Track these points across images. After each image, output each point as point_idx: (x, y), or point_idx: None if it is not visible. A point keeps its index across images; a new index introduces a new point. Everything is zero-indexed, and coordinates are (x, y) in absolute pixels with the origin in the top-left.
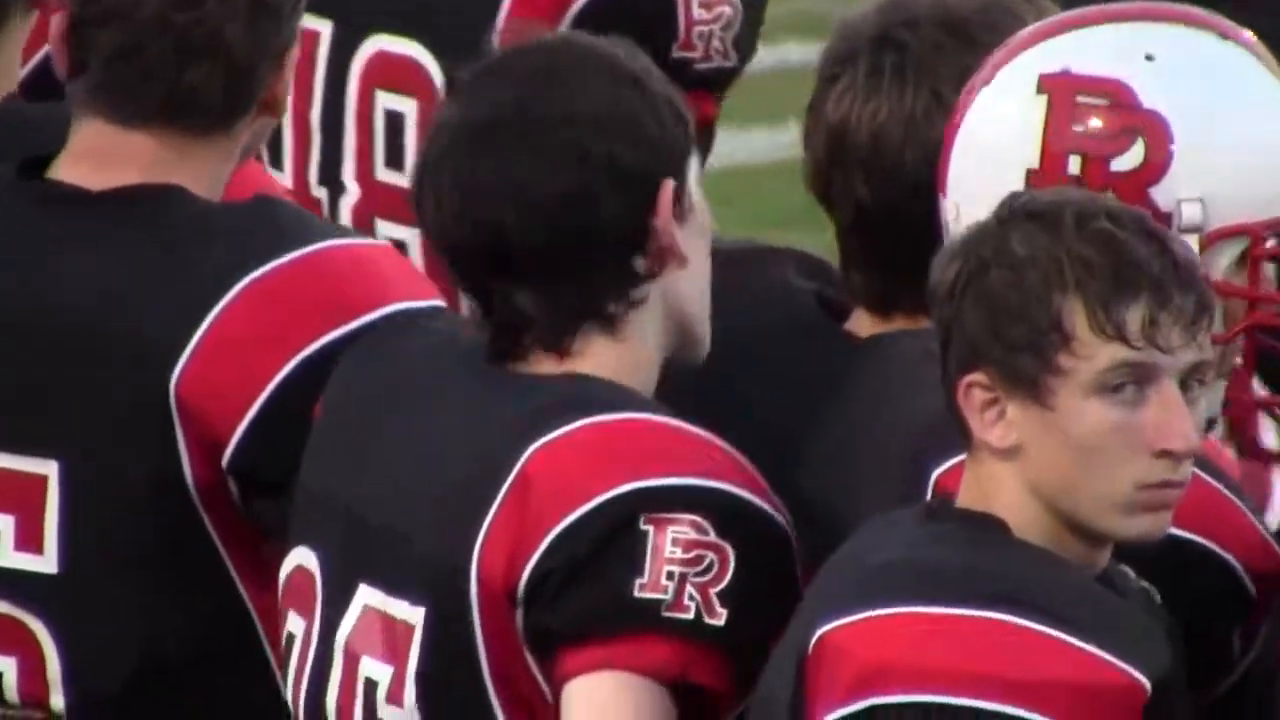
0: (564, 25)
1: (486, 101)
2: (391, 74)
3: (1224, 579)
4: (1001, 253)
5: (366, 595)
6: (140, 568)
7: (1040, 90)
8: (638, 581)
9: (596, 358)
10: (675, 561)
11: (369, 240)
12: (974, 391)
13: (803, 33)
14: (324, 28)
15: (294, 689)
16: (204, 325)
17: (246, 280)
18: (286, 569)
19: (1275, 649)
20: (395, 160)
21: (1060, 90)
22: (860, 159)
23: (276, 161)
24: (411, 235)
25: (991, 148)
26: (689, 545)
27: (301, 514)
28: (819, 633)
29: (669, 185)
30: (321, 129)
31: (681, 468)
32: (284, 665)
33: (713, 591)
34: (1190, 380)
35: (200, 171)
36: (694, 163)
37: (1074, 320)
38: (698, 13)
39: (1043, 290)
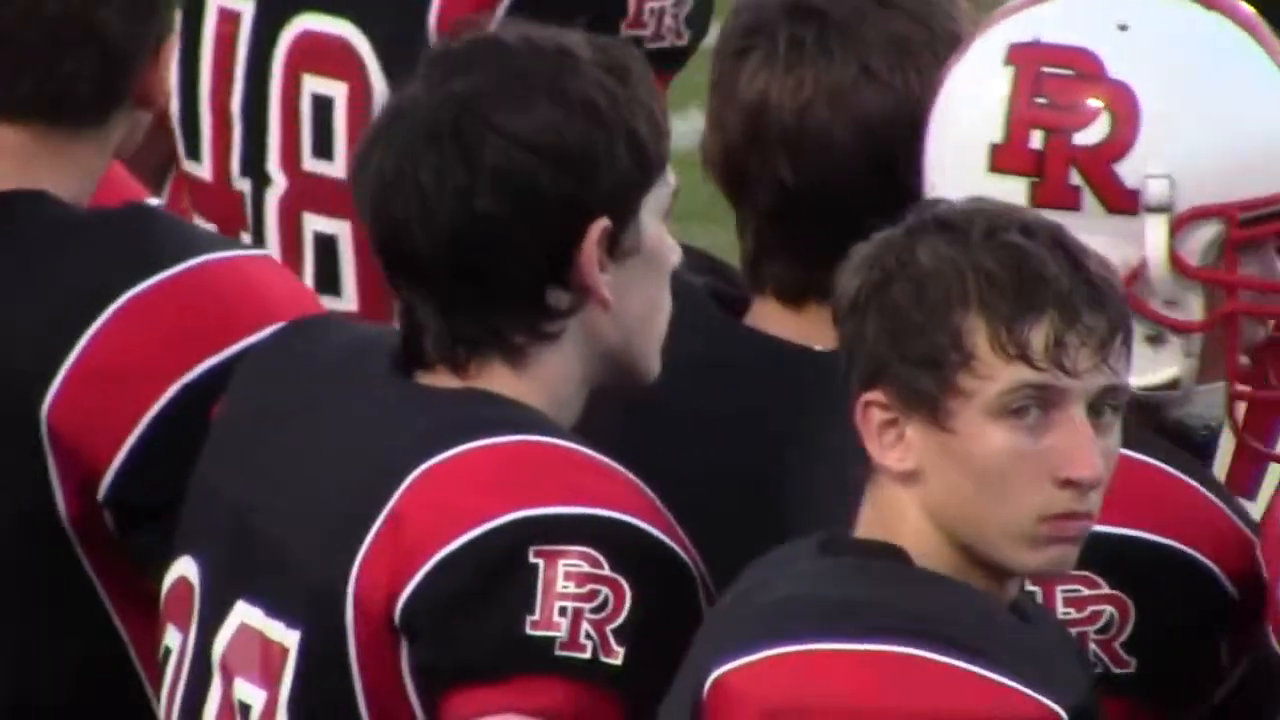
0: (505, 2)
1: (429, 95)
2: (319, 56)
3: (1201, 584)
4: (906, 265)
5: (244, 612)
6: (13, 606)
7: (1008, 62)
8: (529, 618)
9: (498, 384)
10: (568, 596)
11: (250, 251)
12: (872, 411)
13: None
14: (245, 8)
15: (167, 706)
16: (75, 351)
17: (120, 301)
18: (169, 580)
19: (1272, 652)
20: (324, 149)
21: (1026, 61)
22: (783, 137)
23: (194, 152)
24: (342, 229)
25: (961, 124)
26: (582, 579)
27: (187, 520)
28: (714, 675)
29: (599, 224)
30: (243, 117)
31: (574, 496)
32: (158, 682)
33: (609, 629)
34: (1103, 405)
35: (70, 170)
36: (655, 196)
37: (975, 338)
38: None
39: (944, 305)
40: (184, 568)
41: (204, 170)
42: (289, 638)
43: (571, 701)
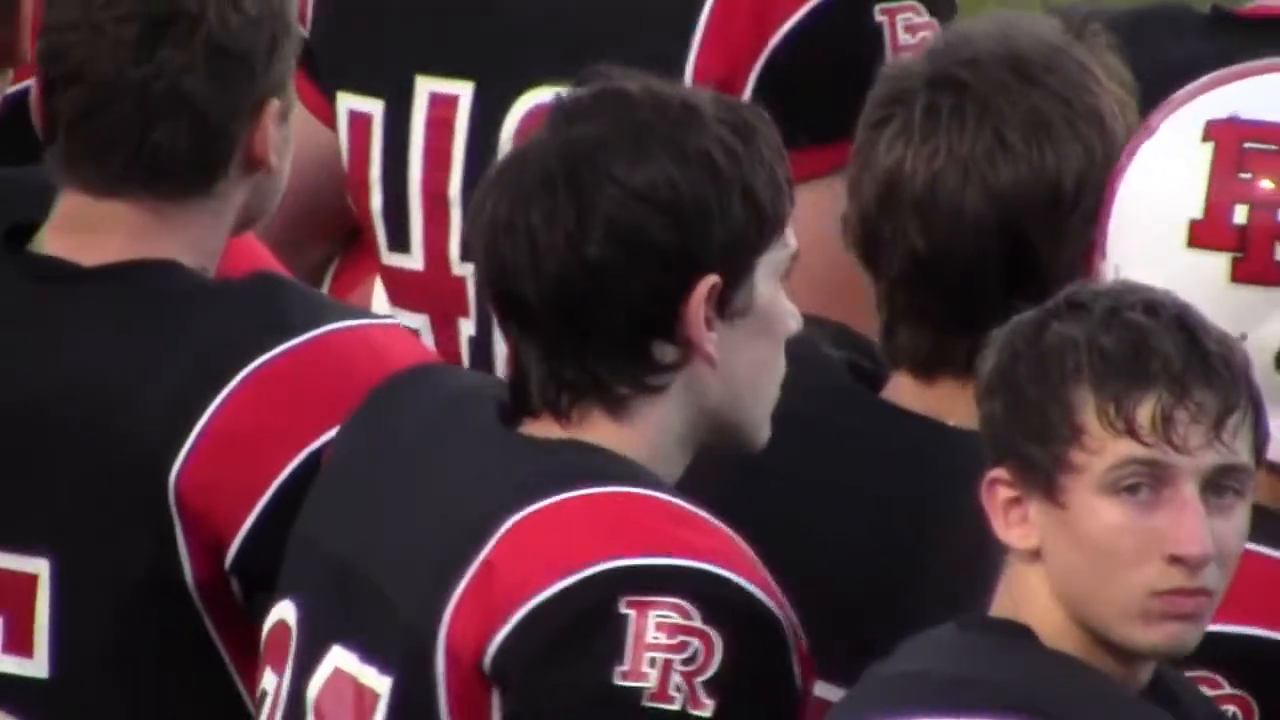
0: (762, 60)
1: (548, 141)
2: None
3: None
4: (1033, 344)
5: (339, 657)
6: (135, 671)
7: (1206, 138)
8: (618, 669)
9: (598, 434)
10: (658, 647)
11: (377, 320)
12: (997, 489)
13: None
14: (463, 90)
15: None
16: (203, 420)
17: (247, 370)
18: (269, 623)
19: None
20: None
21: (1226, 136)
22: (915, 204)
23: (401, 243)
24: None
25: (1153, 201)
26: (673, 630)
27: (289, 565)
28: None
29: (708, 280)
30: (463, 203)
31: (667, 547)
32: None
33: (698, 681)
34: (1221, 485)
35: (187, 239)
36: (771, 258)
37: (1085, 413)
38: (903, 38)
39: (1059, 381)
40: (283, 611)
41: (415, 261)
42: (381, 683)
43: None
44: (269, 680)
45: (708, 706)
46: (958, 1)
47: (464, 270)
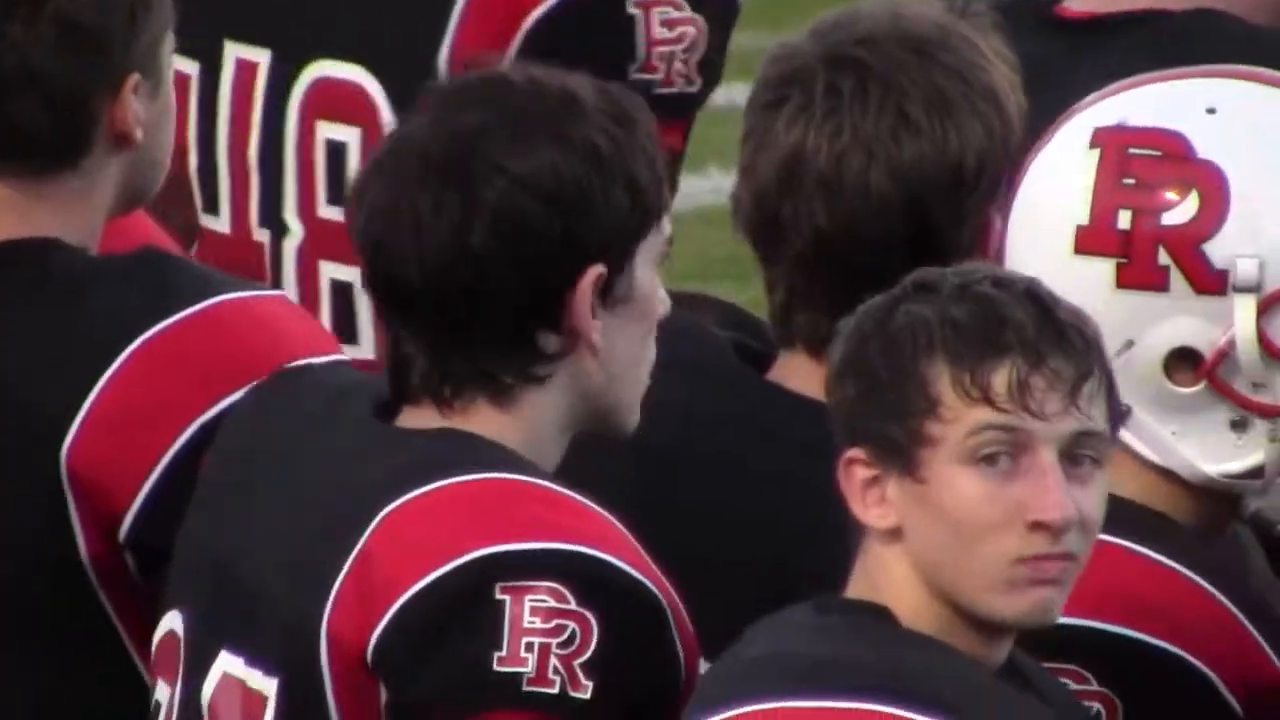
0: (515, 44)
1: (431, 129)
2: (333, 102)
3: (1198, 694)
4: (883, 325)
5: (226, 662)
6: (31, 648)
7: (1093, 145)
8: (496, 654)
9: (481, 422)
10: (535, 632)
11: (265, 291)
12: (854, 469)
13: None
14: (262, 58)
15: None
16: (94, 393)
17: (135, 344)
18: (158, 635)
19: None
20: (338, 196)
21: (1112, 144)
22: (819, 183)
23: (212, 206)
24: (357, 276)
25: (1044, 208)
26: (549, 614)
27: (175, 574)
28: None
29: (593, 270)
30: (260, 166)
31: (540, 531)
32: None
33: (576, 663)
34: (1081, 454)
35: (64, 218)
36: (650, 244)
37: (940, 384)
38: (659, 31)
39: (912, 356)
40: (171, 621)
41: (222, 223)
42: (267, 685)
43: None
44: (161, 692)
45: (587, 688)
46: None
47: (262, 235)
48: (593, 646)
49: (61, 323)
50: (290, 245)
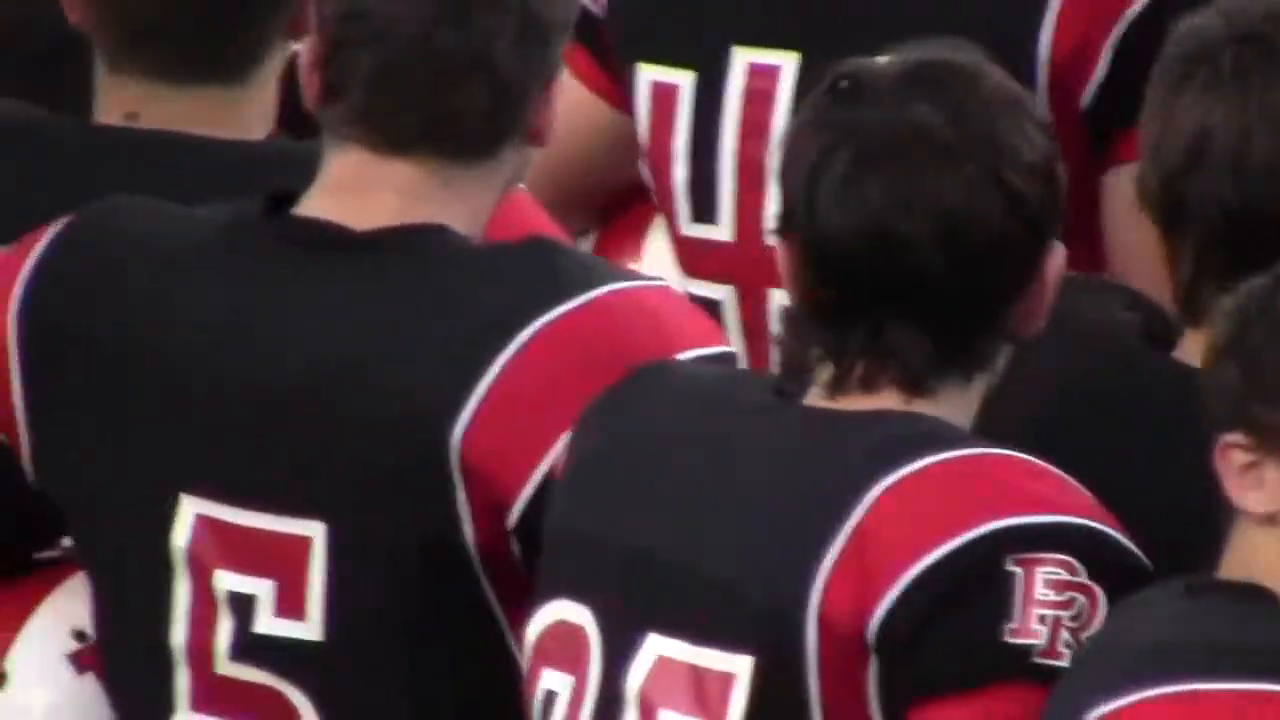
0: (1114, 36)
1: (895, 111)
2: None
3: None
4: (1266, 310)
5: (660, 644)
6: (410, 635)
7: None
8: (1008, 625)
9: (941, 402)
10: (1047, 604)
11: (652, 281)
12: (1232, 453)
13: None
14: (785, 62)
15: None
16: (486, 380)
17: (530, 330)
18: (541, 624)
19: None
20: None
21: None
22: (1227, 160)
23: (708, 214)
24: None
25: None
26: (1061, 587)
27: (558, 565)
28: (1092, 716)
29: (1061, 247)
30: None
31: (1044, 505)
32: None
33: (1084, 637)
34: None
35: (463, 204)
36: None
37: None
38: None
39: None
40: (561, 611)
41: (723, 232)
42: (732, 664)
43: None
44: (555, 681)
45: None
46: None
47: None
48: (1096, 620)
49: (450, 310)
50: None
